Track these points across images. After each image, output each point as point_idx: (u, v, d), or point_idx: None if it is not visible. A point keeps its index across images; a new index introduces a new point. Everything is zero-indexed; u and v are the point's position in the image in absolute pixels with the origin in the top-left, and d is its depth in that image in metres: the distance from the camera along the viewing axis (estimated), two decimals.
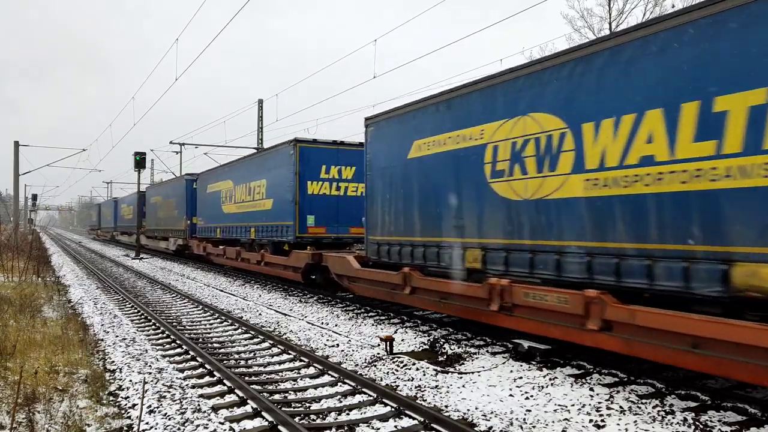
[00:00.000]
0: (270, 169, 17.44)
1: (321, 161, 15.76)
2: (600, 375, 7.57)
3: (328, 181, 15.85)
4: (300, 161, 15.57)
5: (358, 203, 14.15)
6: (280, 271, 16.68)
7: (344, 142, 16.24)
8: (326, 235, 15.82)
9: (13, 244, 29.76)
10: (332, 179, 15.89)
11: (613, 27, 23.29)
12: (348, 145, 16.22)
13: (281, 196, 16.39)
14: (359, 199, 14.49)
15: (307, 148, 15.75)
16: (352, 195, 15.94)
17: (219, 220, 22.40)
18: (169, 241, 31.10)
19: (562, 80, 7.70)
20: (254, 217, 18.52)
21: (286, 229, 15.94)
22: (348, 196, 15.98)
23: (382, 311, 12.77)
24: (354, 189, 15.97)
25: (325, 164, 15.79)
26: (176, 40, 18.59)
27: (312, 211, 15.61)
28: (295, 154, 15.60)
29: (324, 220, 15.72)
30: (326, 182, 15.83)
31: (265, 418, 6.08)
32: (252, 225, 18.72)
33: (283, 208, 16.22)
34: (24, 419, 5.57)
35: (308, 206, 15.57)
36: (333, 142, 16.08)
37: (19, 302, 12.20)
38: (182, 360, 8.90)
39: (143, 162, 35.52)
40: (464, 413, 6.19)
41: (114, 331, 10.57)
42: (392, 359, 8.29)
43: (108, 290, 17.76)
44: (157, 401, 6.42)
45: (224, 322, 12.10)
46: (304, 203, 15.56)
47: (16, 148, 39.78)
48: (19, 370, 6.04)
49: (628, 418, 5.89)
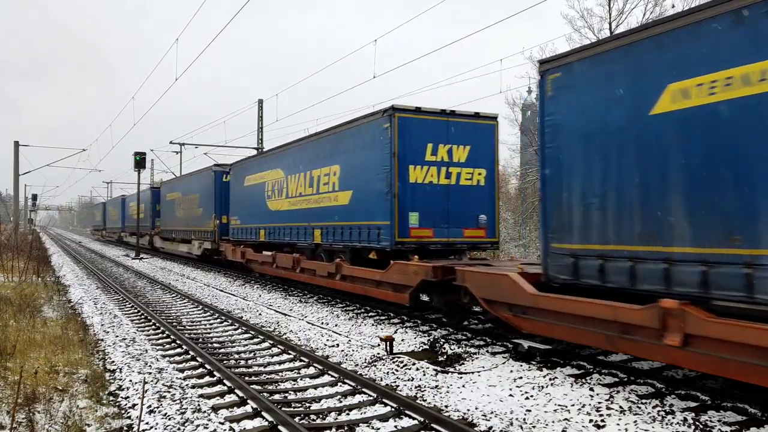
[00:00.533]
0: (347, 151, 13.37)
1: (426, 138, 11.80)
2: (600, 375, 7.57)
3: (435, 166, 11.87)
4: (399, 138, 11.52)
5: (474, 196, 11.97)
6: (370, 288, 12.09)
7: (455, 111, 12.42)
8: (433, 240, 11.90)
9: (13, 244, 29.76)
10: (440, 163, 11.94)
11: (613, 27, 23.29)
12: (461, 115, 12.31)
13: (367, 186, 12.39)
14: (475, 190, 12.09)
15: (409, 119, 11.68)
16: (466, 184, 12.18)
17: (262, 219, 18.40)
18: (192, 244, 26.80)
19: None
20: (319, 216, 14.48)
21: (377, 231, 11.95)
22: (461, 186, 12.12)
23: (381, 311, 12.76)
24: (468, 176, 12.18)
25: (432, 142, 11.84)
26: (176, 40, 18.61)
27: (415, 207, 11.68)
28: (392, 129, 11.54)
29: (430, 218, 11.83)
30: (433, 167, 11.85)
31: (265, 418, 6.08)
32: (316, 226, 14.64)
33: (369, 203, 12.29)
34: (24, 419, 5.57)
35: (410, 200, 11.63)
36: (441, 112, 12.15)
37: (19, 302, 12.21)
38: (182, 360, 8.90)
39: (143, 162, 35.50)
40: (464, 413, 6.19)
41: (114, 331, 10.57)
42: (392, 359, 8.29)
43: (108, 290, 17.76)
44: (157, 401, 6.42)
45: (224, 322, 12.10)
46: (406, 196, 11.59)
47: (16, 148, 39.80)
48: (19, 370, 6.04)
49: (628, 418, 5.89)
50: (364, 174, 12.53)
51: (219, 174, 23.41)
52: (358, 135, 12.88)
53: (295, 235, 15.87)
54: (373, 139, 12.19)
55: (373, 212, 12.11)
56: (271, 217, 17.66)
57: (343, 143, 13.58)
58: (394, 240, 11.48)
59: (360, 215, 12.64)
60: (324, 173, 14.29)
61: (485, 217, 12.28)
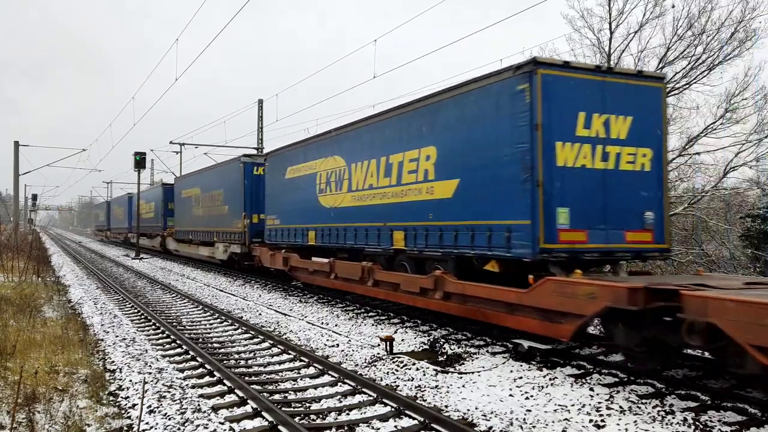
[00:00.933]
0: (449, 127, 10.06)
1: (577, 105, 8.61)
2: (600, 375, 7.57)
3: (588, 143, 8.63)
4: (544, 103, 8.33)
5: (637, 185, 8.93)
6: (496, 314, 8.80)
7: (612, 69, 9.76)
8: (588, 246, 8.60)
9: (13, 244, 29.77)
10: (595, 139, 8.68)
11: (613, 27, 23.26)
12: (620, 74, 9.22)
13: (486, 173, 9.18)
14: (639, 177, 8.95)
15: (556, 78, 8.50)
16: (628, 169, 8.91)
17: (312, 218, 15.05)
18: (215, 248, 23.20)
19: None
20: (402, 213, 11.22)
21: (505, 234, 8.71)
22: (621, 172, 8.86)
23: (382, 311, 12.76)
24: (630, 158, 8.91)
25: (584, 111, 8.61)
26: (176, 40, 18.61)
27: (565, 201, 8.46)
28: (533, 90, 8.35)
29: (583, 217, 8.57)
30: (586, 144, 8.61)
31: (265, 418, 6.09)
32: (396, 226, 11.40)
33: (491, 196, 9.07)
34: (24, 419, 5.58)
35: (559, 191, 8.42)
36: (596, 69, 9.11)
37: (19, 302, 12.21)
38: (182, 360, 8.90)
39: (143, 162, 35.50)
40: (464, 413, 6.19)
41: (114, 331, 10.57)
42: (392, 359, 8.29)
43: (108, 290, 17.76)
44: (157, 401, 6.43)
45: (224, 322, 12.10)
46: (552, 184, 8.38)
47: (16, 148, 39.81)
48: (19, 370, 6.04)
49: (628, 418, 5.90)
50: (480, 156, 9.30)
51: (249, 165, 20.07)
52: (470, 104, 9.60)
53: (362, 238, 12.60)
54: (497, 108, 9.00)
55: (497, 208, 8.91)
56: (324, 216, 14.39)
57: (441, 117, 10.28)
58: (537, 246, 8.20)
59: (472, 212, 9.43)
60: (410, 158, 11.02)
61: (652, 214, 9.03)
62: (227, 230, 21.62)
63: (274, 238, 17.52)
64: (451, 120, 10.03)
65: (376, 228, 12.11)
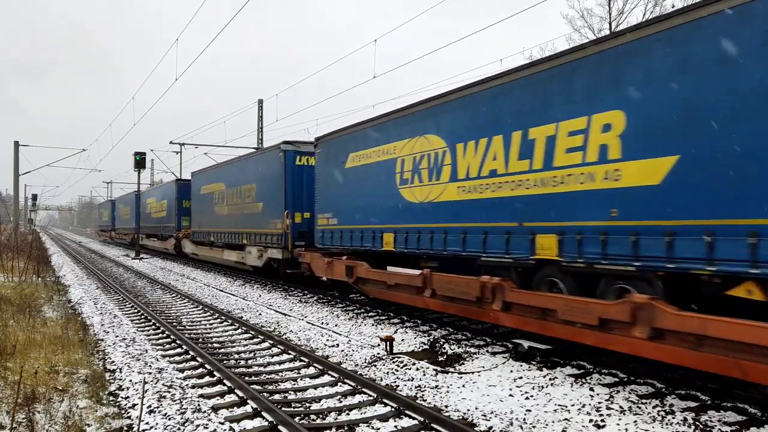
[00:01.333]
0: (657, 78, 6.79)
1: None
2: (600, 375, 7.57)
3: None
4: None
5: None
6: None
7: None
8: None
9: (13, 244, 29.77)
10: None
11: (613, 27, 23.29)
12: None
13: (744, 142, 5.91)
14: None
15: None
16: None
17: (388, 217, 11.93)
18: (247, 252, 19.74)
19: None
20: (549, 210, 8.14)
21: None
22: None
23: (382, 311, 12.76)
24: None
25: None
26: (176, 40, 18.61)
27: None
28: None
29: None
30: None
31: (265, 418, 6.09)
32: (540, 227, 8.27)
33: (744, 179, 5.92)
34: (24, 419, 5.57)
35: None
36: None
37: (19, 302, 12.21)
38: (182, 360, 8.90)
39: (143, 162, 35.52)
40: (464, 413, 6.19)
41: (114, 331, 10.57)
42: (392, 359, 8.29)
43: (108, 290, 17.77)
44: (157, 401, 6.43)
45: (224, 322, 12.10)
46: None
47: (16, 148, 39.81)
48: (19, 370, 6.04)
49: (628, 418, 5.90)
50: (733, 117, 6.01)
51: (291, 154, 16.73)
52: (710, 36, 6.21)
53: (475, 244, 9.49)
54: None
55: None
56: (408, 214, 11.31)
57: (637, 65, 7.03)
58: None
59: (707, 206, 6.25)
60: (569, 131, 7.85)
61: None
62: (262, 231, 18.29)
63: (329, 241, 14.33)
64: (660, 69, 6.75)
65: (502, 229, 8.95)
